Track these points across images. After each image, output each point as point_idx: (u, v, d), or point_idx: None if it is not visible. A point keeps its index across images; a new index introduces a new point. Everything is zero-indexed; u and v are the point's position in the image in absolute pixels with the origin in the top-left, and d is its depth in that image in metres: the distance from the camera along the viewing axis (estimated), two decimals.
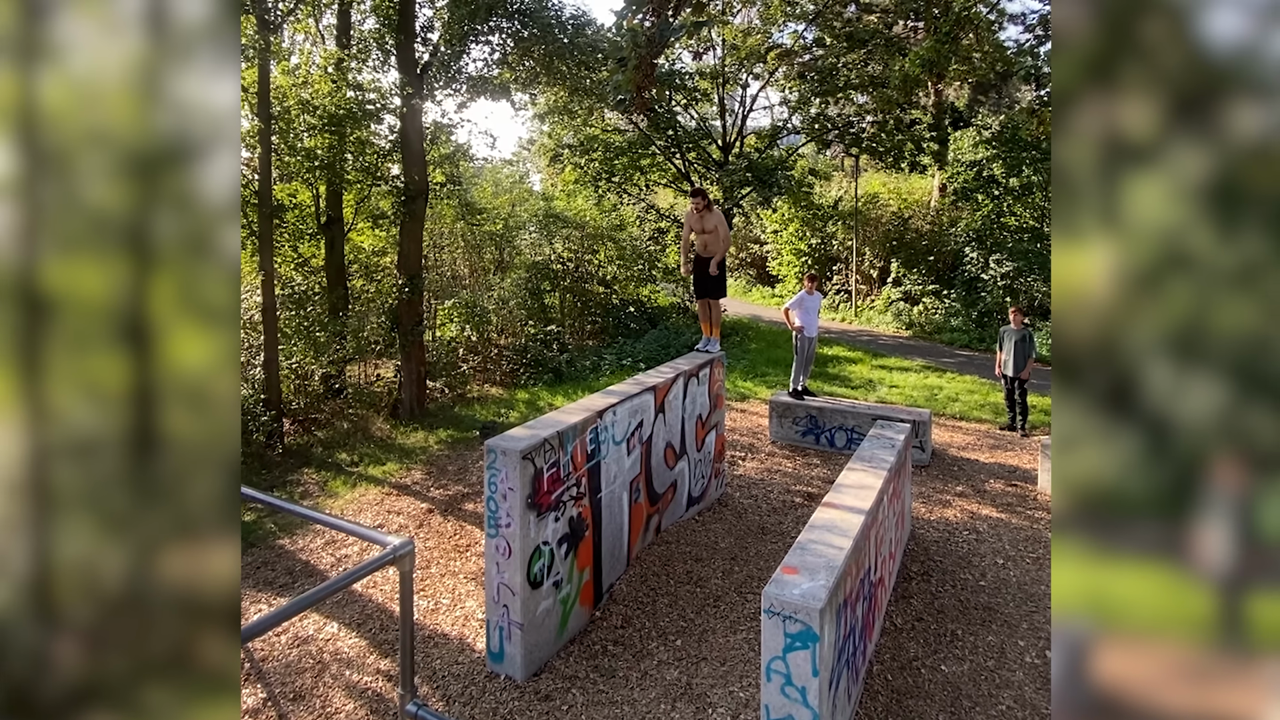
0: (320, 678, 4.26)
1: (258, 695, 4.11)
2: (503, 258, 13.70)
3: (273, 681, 4.19)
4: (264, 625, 1.97)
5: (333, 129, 9.72)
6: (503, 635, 4.35)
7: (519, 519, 4.25)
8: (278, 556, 5.55)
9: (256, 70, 8.90)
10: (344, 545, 5.71)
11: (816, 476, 7.14)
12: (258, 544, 5.70)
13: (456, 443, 8.07)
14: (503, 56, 11.24)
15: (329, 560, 5.50)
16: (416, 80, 10.16)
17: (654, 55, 6.06)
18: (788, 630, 3.14)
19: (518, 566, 4.26)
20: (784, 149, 17.41)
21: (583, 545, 4.83)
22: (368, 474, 7.17)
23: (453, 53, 10.86)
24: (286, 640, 4.55)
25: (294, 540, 5.78)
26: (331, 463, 7.39)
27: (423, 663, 4.45)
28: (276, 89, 9.47)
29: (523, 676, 4.27)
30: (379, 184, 10.62)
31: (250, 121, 9.69)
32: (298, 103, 9.76)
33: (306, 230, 10.14)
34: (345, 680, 4.27)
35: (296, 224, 10.12)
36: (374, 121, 10.56)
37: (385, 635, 4.68)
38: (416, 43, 10.56)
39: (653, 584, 5.20)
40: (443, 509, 6.41)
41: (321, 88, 10.04)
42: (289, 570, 5.36)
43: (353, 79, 10.31)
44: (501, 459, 4.23)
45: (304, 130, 9.87)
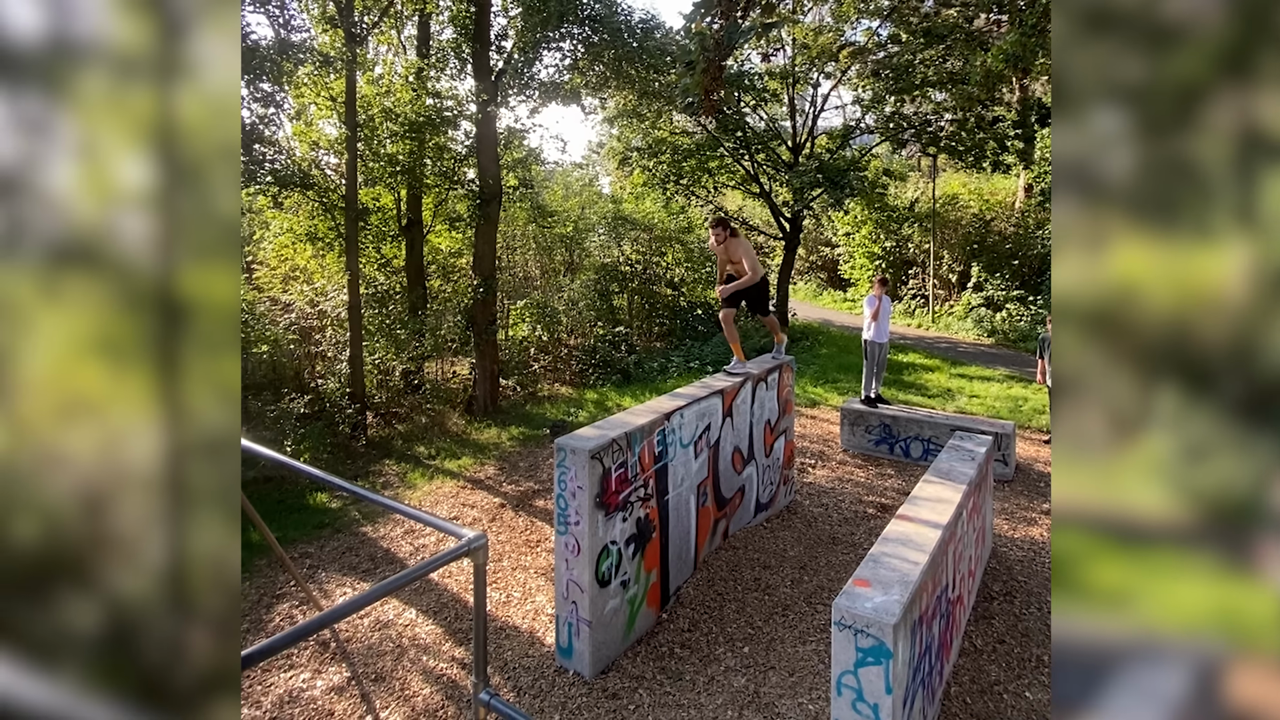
0: (399, 661, 4.46)
1: (342, 674, 4.33)
2: (572, 259, 13.94)
3: (356, 662, 4.41)
4: (350, 608, 2.08)
5: (413, 135, 10.16)
6: (571, 631, 4.43)
7: (587, 518, 4.32)
8: (361, 543, 5.84)
9: (344, 81, 9.39)
10: (421, 535, 5.95)
11: (890, 488, 6.91)
12: (343, 530, 6.01)
13: (528, 440, 8.27)
14: (573, 62, 11.44)
15: (408, 549, 5.75)
16: (491, 87, 10.48)
17: (722, 58, 6.03)
18: (859, 644, 3.06)
19: (586, 564, 4.33)
20: (857, 149, 16.94)
21: (650, 546, 4.86)
22: (444, 467, 7.45)
23: (525, 59, 11.16)
24: (368, 624, 4.77)
25: (375, 528, 6.07)
26: (410, 455, 7.72)
27: (494, 654, 4.57)
28: (362, 98, 9.97)
29: (591, 673, 4.33)
30: (456, 188, 11.02)
31: (338, 129, 10.25)
32: (381, 111, 10.25)
33: (389, 232, 10.63)
34: (422, 665, 4.45)
35: (379, 226, 10.62)
36: (451, 128, 10.99)
37: (459, 624, 4.85)
38: (491, 50, 10.89)
39: (720, 589, 5.17)
40: (514, 504, 6.58)
41: (403, 96, 10.50)
42: (371, 556, 5.63)
43: (431, 87, 10.75)
44: (571, 458, 4.30)
45: (387, 137, 10.36)
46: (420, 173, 10.41)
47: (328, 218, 9.55)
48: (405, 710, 4.07)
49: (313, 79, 9.64)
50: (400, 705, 4.10)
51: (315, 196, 9.60)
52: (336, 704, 4.09)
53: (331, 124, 10.80)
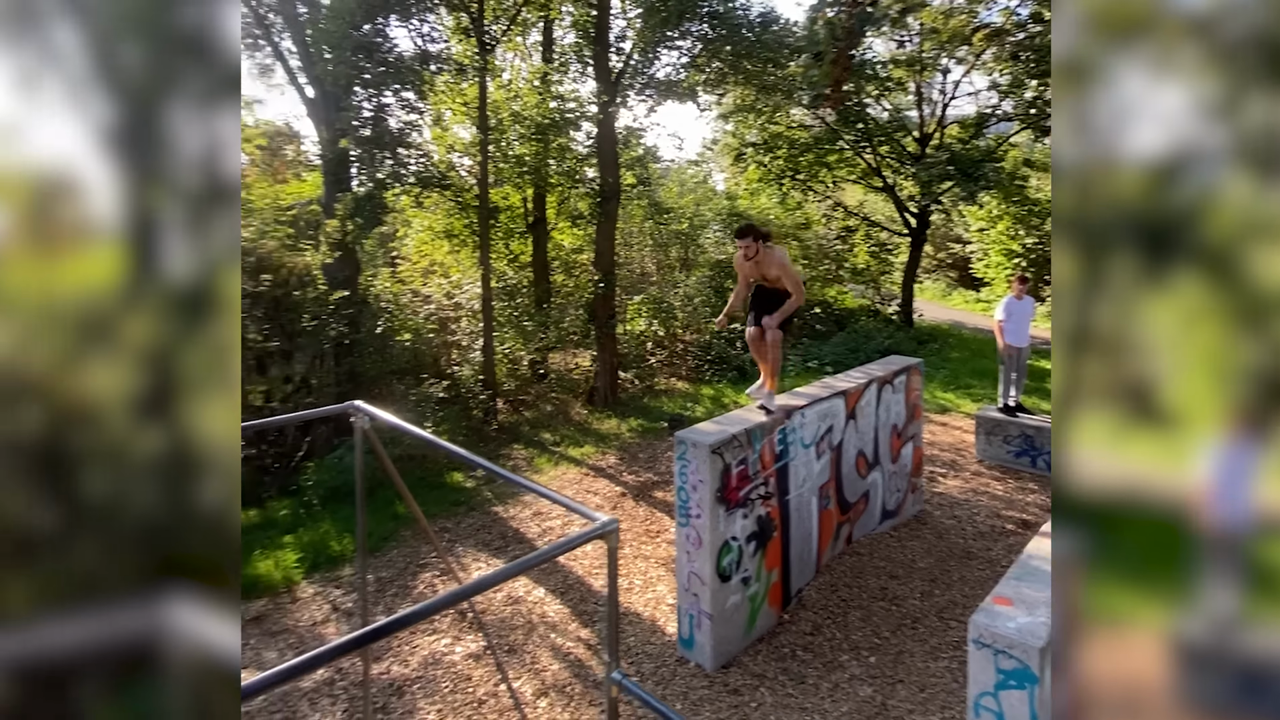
0: (530, 636, 4.70)
1: (478, 643, 4.63)
2: (687, 256, 14.01)
3: (490, 633, 4.71)
4: (492, 581, 2.20)
5: (538, 137, 10.63)
6: (693, 623, 4.49)
7: (708, 512, 4.35)
8: (493, 521, 6.22)
9: (477, 87, 9.97)
10: (548, 518, 6.24)
11: (1032, 503, 6.41)
12: (476, 509, 6.43)
13: (646, 432, 8.45)
14: (691, 59, 11.48)
15: (535, 530, 6.05)
16: (611, 87, 10.73)
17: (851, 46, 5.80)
18: (1000, 666, 2.88)
19: (707, 558, 4.37)
20: (992, 138, 15.74)
21: (771, 545, 4.82)
22: (568, 454, 7.77)
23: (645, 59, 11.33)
24: (501, 598, 5.07)
25: (506, 509, 6.44)
26: (537, 441, 8.12)
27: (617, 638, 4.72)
28: (492, 103, 10.54)
29: (712, 666, 4.37)
30: (577, 186, 11.42)
31: (471, 133, 10.92)
32: (510, 115, 10.79)
33: (516, 229, 11.21)
34: (550, 642, 4.67)
35: (508, 224, 11.22)
36: (573, 129, 11.39)
37: (583, 606, 5.04)
38: (610, 52, 11.15)
39: (844, 595, 5.03)
40: (635, 494, 6.74)
41: (529, 100, 10.99)
42: (502, 535, 5.98)
43: (554, 90, 11.17)
44: (692, 451, 4.35)
45: (515, 139, 10.91)
46: (545, 172, 10.87)
47: (462, 216, 10.25)
48: (535, 683, 4.29)
49: (449, 86, 10.32)
50: (531, 678, 4.33)
51: (451, 196, 10.34)
52: (474, 670, 4.39)
53: (464, 128, 11.52)
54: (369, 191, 9.54)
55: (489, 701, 4.14)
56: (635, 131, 11.85)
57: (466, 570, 5.41)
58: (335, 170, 10.23)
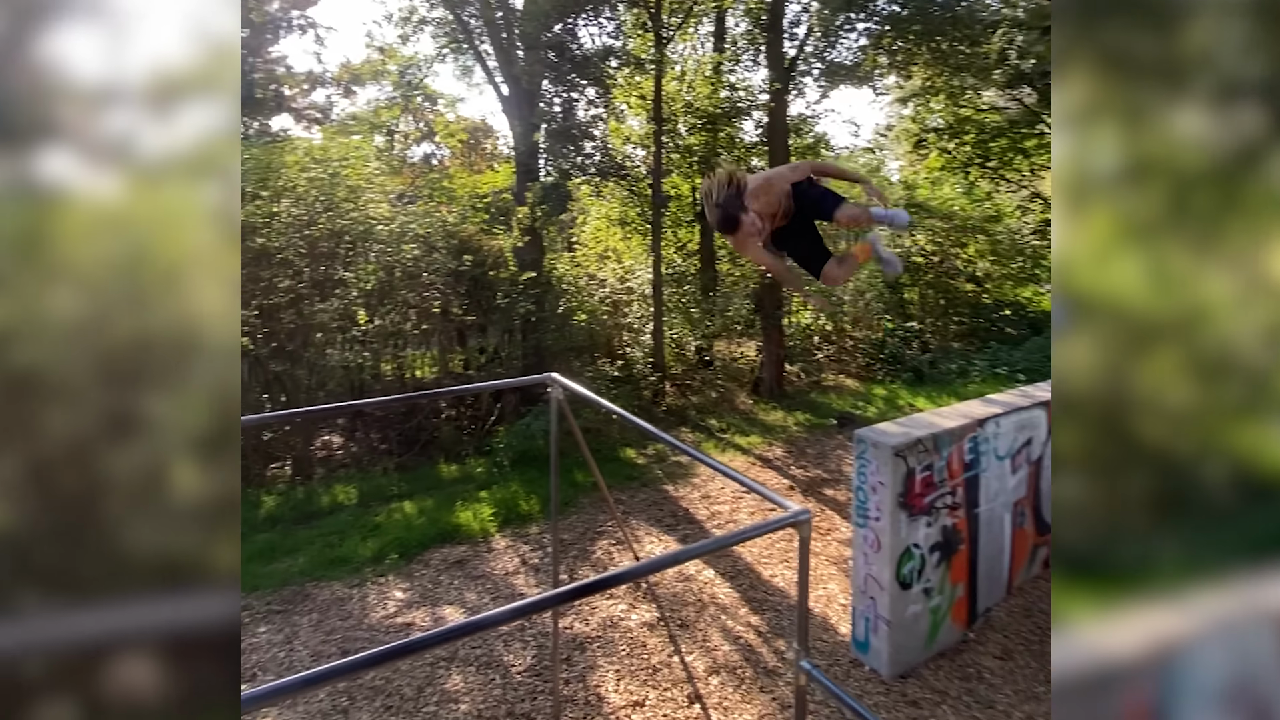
0: (701, 614, 4.82)
1: (652, 613, 4.83)
2: None
3: (664, 605, 4.89)
4: (689, 555, 2.27)
5: (709, 127, 10.73)
6: (868, 627, 4.35)
7: (889, 515, 4.18)
8: (664, 499, 6.45)
9: (652, 80, 10.23)
10: (716, 501, 6.36)
11: None
12: (648, 485, 6.71)
13: (814, 428, 8.30)
14: (874, 40, 10.93)
15: (704, 512, 6.18)
16: (784, 75, 10.51)
17: None
18: None
19: (886, 562, 4.21)
20: None
21: (956, 558, 4.53)
22: (734, 442, 7.84)
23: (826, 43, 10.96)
24: (673, 574, 5.24)
25: (676, 488, 6.64)
26: (703, 426, 8.28)
27: (789, 630, 4.70)
28: (666, 95, 10.77)
29: (888, 673, 4.21)
30: None
31: (644, 125, 11.26)
32: (682, 106, 10.96)
33: (684, 218, 11.44)
34: (720, 623, 4.76)
35: (677, 213, 11.49)
36: (745, 117, 11.35)
37: (753, 593, 5.07)
38: (784, 38, 10.90)
39: (1040, 622, 4.61)
40: (803, 489, 6.65)
41: (701, 91, 11.08)
42: (673, 514, 6.18)
43: (725, 79, 11.17)
44: (873, 451, 4.19)
45: (685, 130, 11.08)
46: (714, 162, 10.96)
47: (635, 204, 10.66)
48: (706, 660, 4.40)
49: (626, 80, 10.71)
50: (702, 655, 4.45)
51: (626, 186, 10.80)
52: (648, 638, 4.59)
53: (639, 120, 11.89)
54: (555, 181, 10.24)
55: (662, 670, 4.32)
56: (807, 119, 11.57)
57: (640, 543, 5.65)
58: (526, 161, 11.06)
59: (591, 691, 4.10)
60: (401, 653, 1.85)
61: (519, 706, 3.94)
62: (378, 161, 9.10)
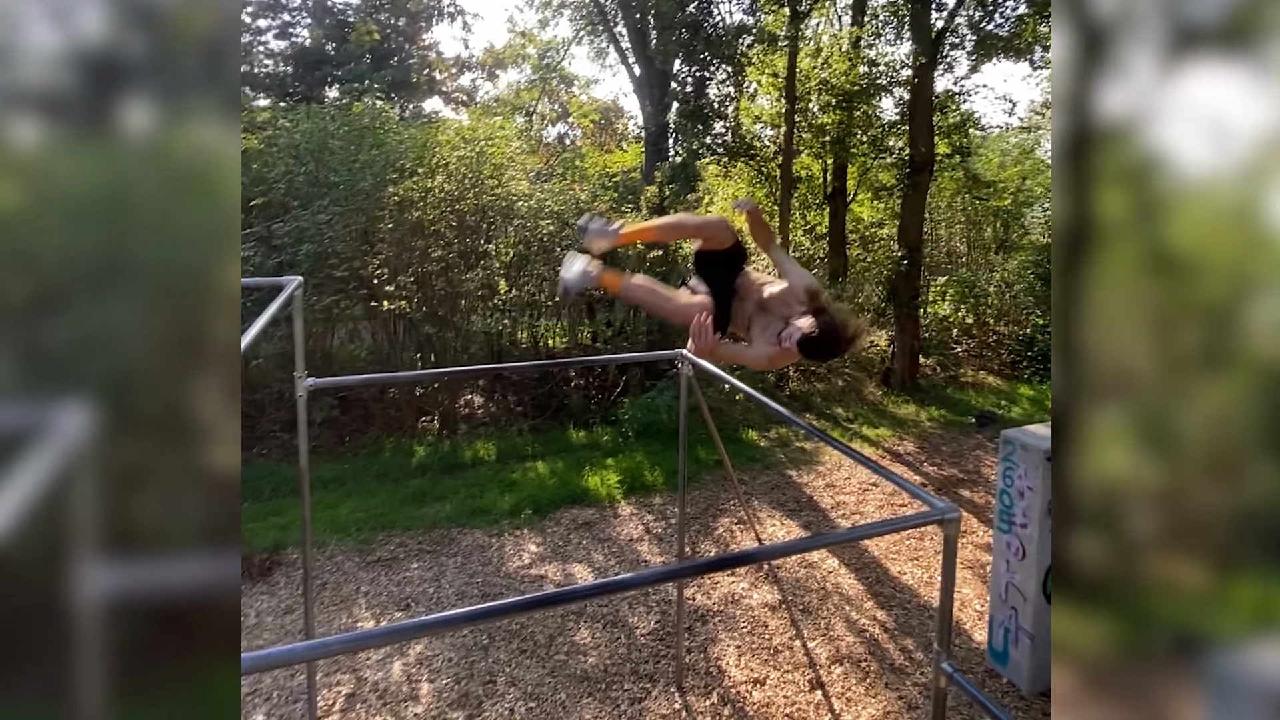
0: (825, 602, 4.71)
1: (774, 595, 4.77)
2: (1007, 236, 12.39)
3: (786, 589, 4.81)
4: (828, 541, 2.16)
5: (844, 105, 10.23)
6: (1008, 637, 4.07)
7: (1037, 523, 3.87)
8: (786, 484, 6.33)
9: (786, 57, 9.88)
10: (842, 491, 6.16)
11: None
12: (771, 468, 6.62)
13: (949, 424, 7.82)
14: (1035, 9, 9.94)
15: (829, 501, 6.01)
16: (930, 47, 9.80)
17: None
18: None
19: (1032, 572, 3.90)
20: None
21: None
22: (861, 433, 7.55)
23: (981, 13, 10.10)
24: (795, 560, 5.15)
25: (799, 474, 6.50)
26: (829, 414, 8.04)
27: (918, 629, 4.49)
28: (800, 73, 10.38)
29: (1029, 689, 3.93)
30: (882, 156, 10.78)
31: (776, 104, 10.93)
32: (817, 83, 10.52)
33: (814, 201, 11.05)
34: (845, 614, 4.62)
35: (806, 195, 11.12)
36: (884, 94, 10.71)
37: (879, 587, 4.88)
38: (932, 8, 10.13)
39: None
40: (936, 487, 6.30)
41: (838, 67, 10.57)
42: (795, 499, 6.06)
43: (864, 55, 10.56)
44: (1021, 454, 3.89)
45: (819, 109, 10.64)
46: (848, 142, 10.48)
47: (763, 185, 10.44)
48: (829, 649, 4.29)
49: (759, 58, 10.43)
50: (825, 643, 4.34)
51: (754, 166, 10.59)
52: (769, 619, 4.54)
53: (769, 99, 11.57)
54: (684, 160, 10.24)
55: (784, 653, 4.26)
56: (954, 95, 10.74)
57: (761, 524, 5.59)
58: (656, 141, 11.14)
59: (713, 663, 4.13)
60: (559, 600, 1.94)
61: (642, 667, 4.05)
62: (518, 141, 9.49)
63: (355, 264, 6.66)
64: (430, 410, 7.32)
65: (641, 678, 3.96)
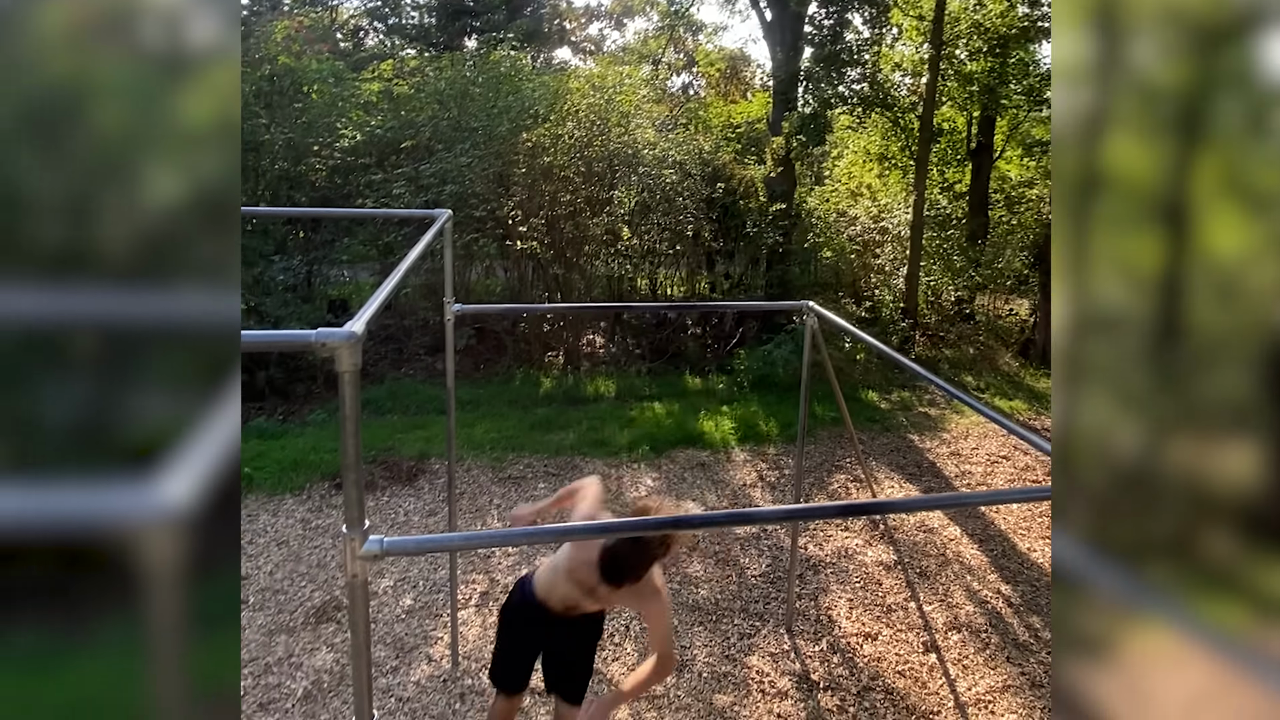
0: (943, 569, 4.56)
1: (889, 555, 4.68)
2: None
3: (903, 552, 4.70)
4: (962, 501, 1.98)
5: (998, 51, 9.30)
6: None
7: None
8: (907, 447, 6.13)
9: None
10: (968, 460, 5.88)
11: None
12: (890, 431, 6.42)
13: None
14: None
15: (953, 469, 5.76)
16: None
17: None
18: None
19: None
20: None
21: None
22: (993, 404, 7.12)
23: None
24: (913, 523, 5.00)
25: (922, 439, 6.26)
26: (956, 382, 7.63)
27: (1044, 607, 4.26)
28: (950, 15, 9.51)
29: None
30: (1039, 109, 9.79)
31: (920, 49, 10.10)
32: (969, 26, 9.61)
33: (955, 156, 10.25)
34: (965, 583, 4.46)
35: (946, 149, 10.33)
36: (1045, 39, 9.62)
37: (1005, 561, 4.67)
38: None
39: None
40: None
41: (994, 8, 9.59)
42: (916, 464, 5.86)
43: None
44: None
45: (966, 56, 9.74)
46: (1000, 92, 9.57)
47: (898, 138, 9.77)
48: (947, 615, 4.17)
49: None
50: (942, 608, 4.22)
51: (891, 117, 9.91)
52: (883, 578, 4.47)
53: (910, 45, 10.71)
54: (814, 111, 9.76)
55: (897, 612, 4.19)
56: None
57: (879, 485, 5.46)
58: (784, 90, 10.67)
59: (823, 612, 4.14)
60: (734, 521, 1.99)
61: (753, 606, 4.13)
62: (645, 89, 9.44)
63: (492, 204, 6.99)
64: (556, 346, 7.71)
65: (751, 616, 4.05)
